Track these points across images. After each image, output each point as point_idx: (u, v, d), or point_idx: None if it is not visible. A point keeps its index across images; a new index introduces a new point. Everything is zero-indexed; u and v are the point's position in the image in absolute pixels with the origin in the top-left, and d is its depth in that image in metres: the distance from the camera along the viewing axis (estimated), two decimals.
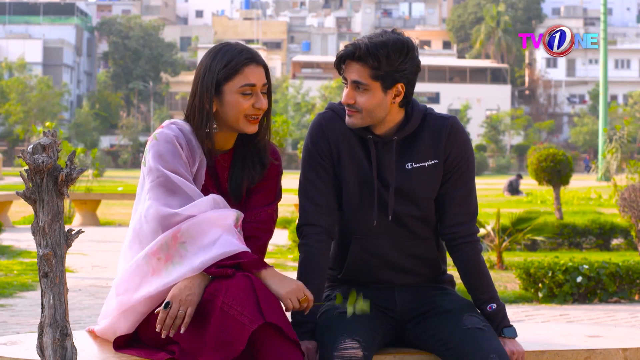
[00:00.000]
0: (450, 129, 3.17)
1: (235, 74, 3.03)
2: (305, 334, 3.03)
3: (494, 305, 3.16)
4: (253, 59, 3.06)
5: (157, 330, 2.83)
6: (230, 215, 2.97)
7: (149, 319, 2.94)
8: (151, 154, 3.00)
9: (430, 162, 3.16)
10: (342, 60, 3.11)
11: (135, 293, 2.94)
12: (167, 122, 3.10)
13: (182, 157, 3.01)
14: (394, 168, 3.15)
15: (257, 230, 3.07)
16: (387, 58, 3.04)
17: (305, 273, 3.10)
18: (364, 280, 3.23)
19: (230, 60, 3.04)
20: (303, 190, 3.18)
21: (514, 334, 3.14)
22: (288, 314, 2.96)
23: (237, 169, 3.11)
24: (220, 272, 2.86)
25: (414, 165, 3.15)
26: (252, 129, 3.06)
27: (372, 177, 3.15)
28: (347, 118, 3.14)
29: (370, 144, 3.15)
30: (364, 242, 3.19)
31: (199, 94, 3.06)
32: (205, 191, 3.05)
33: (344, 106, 3.18)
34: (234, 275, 2.85)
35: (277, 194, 3.16)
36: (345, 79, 3.12)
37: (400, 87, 3.10)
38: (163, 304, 2.83)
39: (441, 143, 3.16)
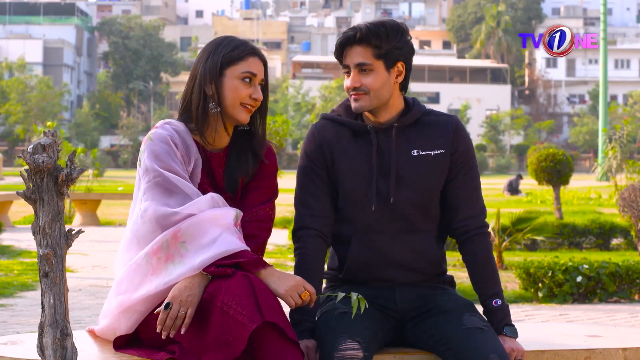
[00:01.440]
0: (456, 125, 3.25)
1: (239, 60, 3.09)
2: (303, 333, 3.03)
3: (499, 301, 3.18)
4: (256, 52, 3.14)
5: (157, 331, 2.84)
6: (230, 214, 2.98)
7: (149, 319, 2.94)
8: (146, 154, 3.01)
9: (436, 152, 3.21)
10: (343, 47, 3.20)
11: (135, 292, 2.94)
12: (161, 122, 3.12)
13: (177, 156, 3.02)
14: (396, 154, 3.19)
15: (255, 228, 3.09)
16: (386, 35, 3.15)
17: (300, 275, 3.11)
18: (364, 279, 3.23)
19: (235, 48, 3.10)
20: (298, 197, 3.24)
21: (514, 334, 3.15)
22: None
23: (232, 163, 3.13)
24: (219, 271, 2.86)
25: (420, 153, 3.20)
26: (246, 117, 3.10)
27: (372, 165, 3.18)
28: (353, 103, 3.20)
29: (371, 132, 3.20)
30: (364, 238, 3.20)
31: (200, 76, 3.09)
32: (202, 190, 3.06)
33: (338, 111, 3.27)
34: (233, 275, 2.86)
35: (273, 191, 3.18)
36: (347, 66, 3.20)
37: (400, 65, 3.20)
38: (163, 305, 2.83)
39: (448, 136, 3.22)
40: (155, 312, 2.89)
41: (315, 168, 3.22)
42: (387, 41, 3.15)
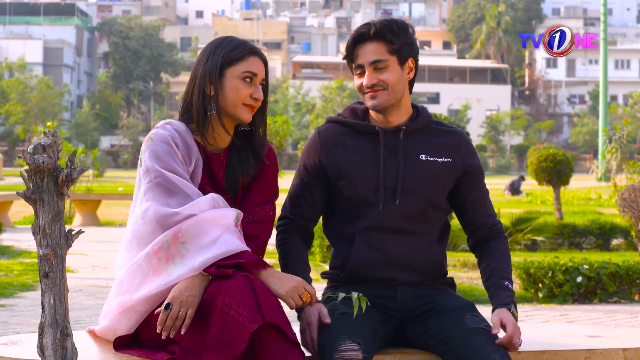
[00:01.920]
0: (465, 138, 3.31)
1: (239, 60, 3.08)
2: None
3: (510, 285, 3.21)
4: (257, 52, 3.14)
5: (157, 331, 2.84)
6: (231, 215, 2.97)
7: (149, 319, 2.94)
8: (147, 154, 3.00)
9: (443, 159, 3.24)
10: (356, 43, 3.20)
11: (135, 292, 2.94)
12: (162, 122, 3.11)
13: (178, 157, 3.01)
14: (404, 156, 3.20)
15: (256, 229, 3.08)
16: (399, 31, 3.19)
17: (286, 266, 3.20)
18: (366, 278, 3.23)
19: (235, 48, 3.10)
20: (287, 200, 3.31)
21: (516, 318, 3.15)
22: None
23: (232, 164, 3.13)
24: (220, 272, 2.86)
25: (429, 158, 3.23)
26: (249, 116, 3.10)
27: (378, 165, 3.19)
28: (371, 101, 3.21)
29: (380, 133, 3.21)
30: (368, 237, 3.20)
31: (200, 77, 3.08)
32: (202, 190, 3.05)
33: (344, 113, 3.30)
34: (233, 276, 2.86)
35: (274, 192, 3.19)
36: (360, 66, 3.21)
37: (411, 62, 3.24)
38: (163, 305, 2.83)
39: (457, 147, 3.27)
40: (155, 312, 2.88)
41: (310, 178, 3.25)
42: (399, 37, 3.18)
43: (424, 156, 3.22)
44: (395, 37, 3.17)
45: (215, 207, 2.97)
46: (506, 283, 3.20)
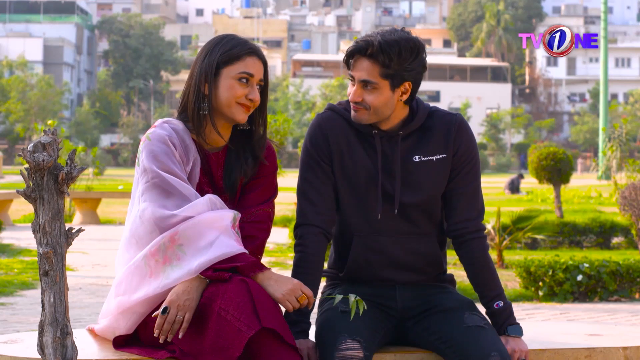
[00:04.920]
0: (459, 124, 3.19)
1: (236, 60, 3.04)
2: (299, 333, 3.02)
3: (501, 303, 3.15)
4: (255, 52, 3.08)
5: (155, 335, 2.83)
6: (227, 216, 2.95)
7: (147, 320, 2.93)
8: (145, 154, 2.98)
9: (438, 156, 3.17)
10: (352, 56, 3.09)
11: (133, 294, 2.93)
12: (159, 121, 3.08)
13: (175, 157, 2.99)
14: (400, 161, 3.15)
15: (254, 229, 3.06)
16: (398, 57, 3.04)
17: (299, 274, 3.10)
18: (365, 278, 3.22)
19: (233, 47, 3.05)
20: (301, 191, 3.18)
21: (519, 333, 3.13)
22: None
23: (231, 164, 3.10)
24: (217, 275, 2.84)
25: (422, 159, 3.16)
26: (243, 117, 3.05)
27: (377, 171, 3.15)
28: (353, 113, 3.13)
29: (376, 138, 3.15)
30: (366, 239, 3.18)
31: (196, 75, 3.05)
32: (200, 190, 3.04)
33: (345, 105, 3.20)
34: (230, 280, 2.84)
35: (272, 191, 3.16)
36: (352, 76, 3.11)
37: (407, 85, 3.10)
38: (161, 309, 2.81)
39: (450, 137, 3.17)
40: (153, 315, 2.87)
41: (320, 161, 3.16)
42: (397, 62, 3.04)
43: (417, 157, 3.15)
44: (392, 62, 3.02)
45: (212, 208, 2.95)
46: (496, 305, 3.15)
